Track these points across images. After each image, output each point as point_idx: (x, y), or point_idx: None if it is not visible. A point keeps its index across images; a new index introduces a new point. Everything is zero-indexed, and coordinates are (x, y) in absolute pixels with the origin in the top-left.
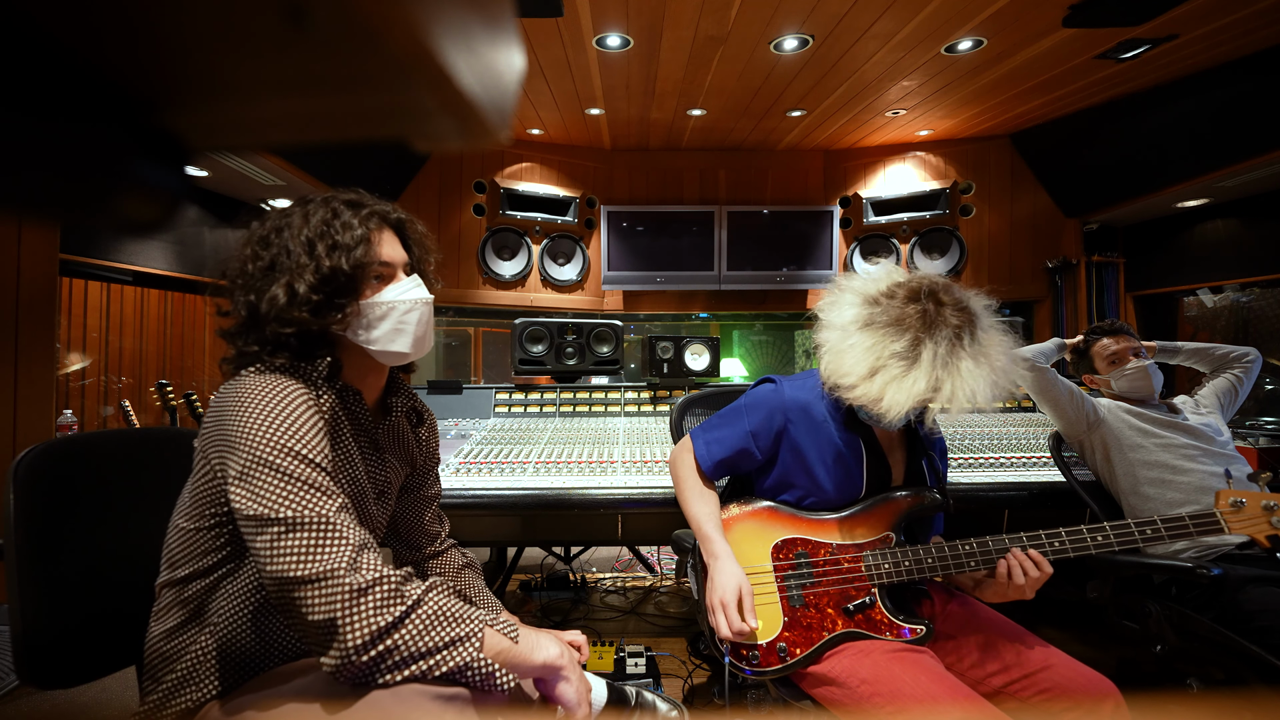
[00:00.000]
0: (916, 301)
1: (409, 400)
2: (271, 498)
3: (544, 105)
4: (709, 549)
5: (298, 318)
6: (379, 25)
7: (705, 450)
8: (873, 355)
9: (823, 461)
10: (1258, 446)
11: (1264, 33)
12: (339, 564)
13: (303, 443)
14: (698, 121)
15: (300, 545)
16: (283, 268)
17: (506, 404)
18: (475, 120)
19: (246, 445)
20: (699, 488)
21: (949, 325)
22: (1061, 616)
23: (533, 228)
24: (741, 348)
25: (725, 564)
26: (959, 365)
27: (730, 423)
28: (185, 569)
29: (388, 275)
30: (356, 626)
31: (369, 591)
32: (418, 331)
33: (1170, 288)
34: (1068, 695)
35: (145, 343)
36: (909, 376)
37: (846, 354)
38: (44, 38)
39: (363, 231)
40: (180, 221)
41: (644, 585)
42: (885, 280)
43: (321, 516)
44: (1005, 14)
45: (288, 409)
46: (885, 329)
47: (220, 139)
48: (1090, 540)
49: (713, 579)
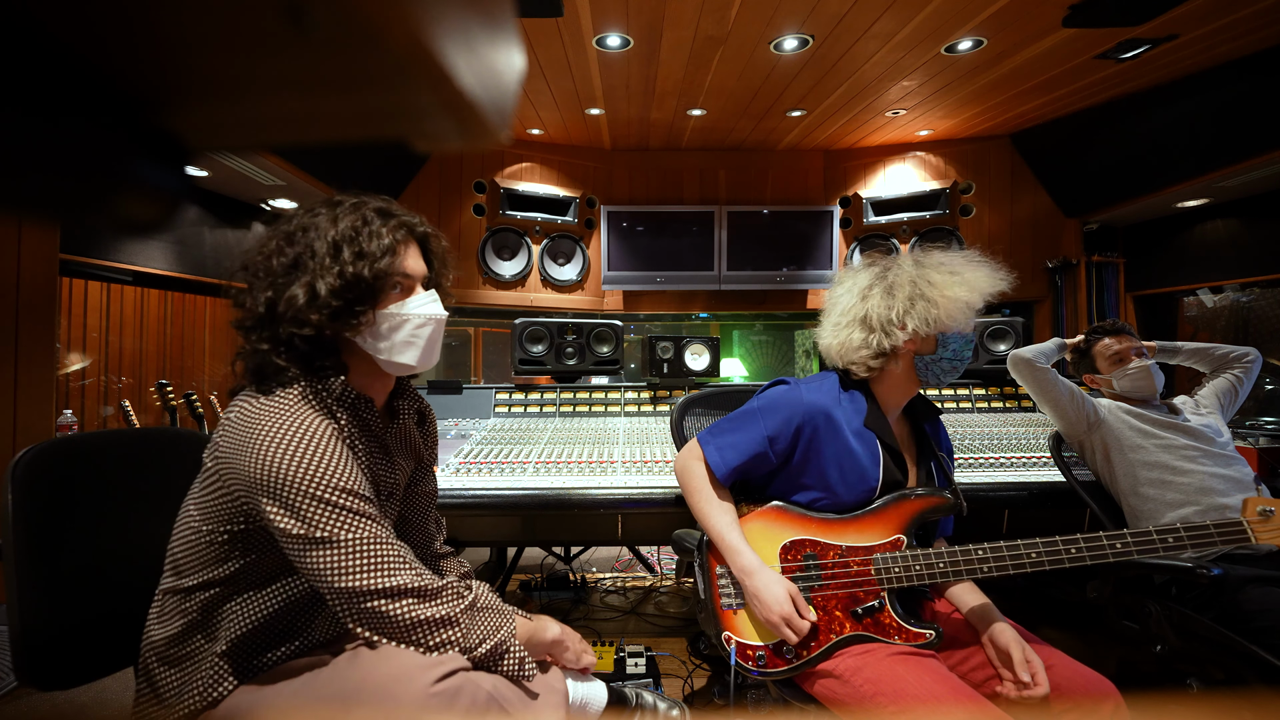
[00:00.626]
0: (874, 266)
1: (415, 402)
2: (324, 523)
3: (544, 105)
4: (739, 563)
5: (314, 320)
6: (379, 25)
7: (719, 456)
8: (855, 308)
9: (838, 465)
10: (1258, 447)
11: (1264, 33)
12: (406, 576)
13: (340, 476)
14: (698, 121)
15: (364, 563)
16: (306, 267)
17: (506, 404)
18: (475, 120)
19: (287, 483)
20: (715, 497)
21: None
22: (1061, 616)
23: (533, 228)
24: (741, 348)
25: (763, 575)
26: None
27: (744, 427)
28: (193, 578)
29: (407, 287)
30: (430, 618)
31: (441, 593)
32: (427, 346)
33: (1170, 288)
34: (1068, 696)
35: (145, 343)
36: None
37: (840, 331)
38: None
39: (390, 241)
40: (180, 221)
41: (644, 585)
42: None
43: (376, 536)
44: (1005, 14)
45: (318, 445)
46: (859, 290)
47: (220, 139)
48: (1109, 547)
49: (758, 596)
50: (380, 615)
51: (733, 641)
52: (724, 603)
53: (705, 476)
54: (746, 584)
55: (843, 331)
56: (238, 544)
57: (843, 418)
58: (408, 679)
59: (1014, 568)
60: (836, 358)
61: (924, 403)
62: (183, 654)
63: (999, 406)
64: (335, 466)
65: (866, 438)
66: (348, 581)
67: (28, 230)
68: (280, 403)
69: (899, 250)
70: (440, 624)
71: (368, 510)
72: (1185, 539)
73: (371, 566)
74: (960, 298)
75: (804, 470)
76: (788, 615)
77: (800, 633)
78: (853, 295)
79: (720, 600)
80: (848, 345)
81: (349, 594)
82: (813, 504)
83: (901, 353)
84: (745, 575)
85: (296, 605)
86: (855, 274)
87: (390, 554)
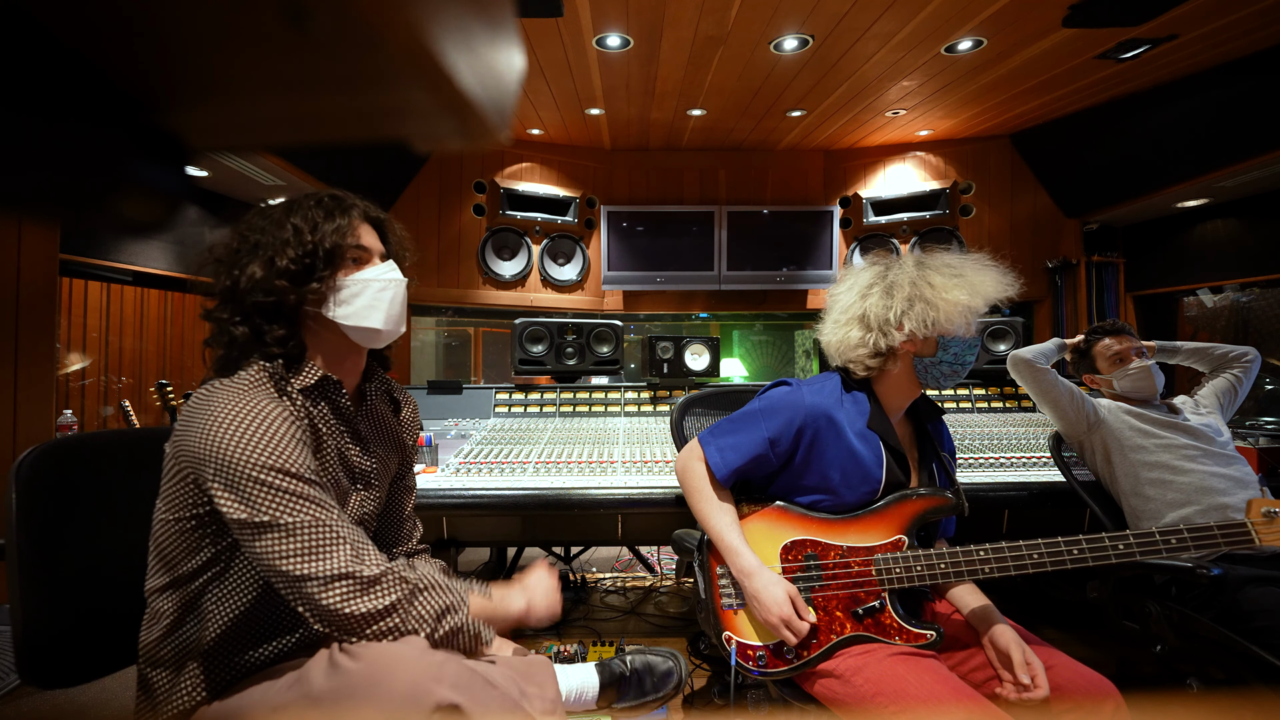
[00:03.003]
0: (877, 265)
1: (383, 384)
2: (266, 506)
3: (544, 105)
4: (739, 565)
5: (277, 285)
6: (379, 25)
7: (720, 458)
8: (855, 306)
9: (840, 467)
10: (1258, 446)
11: (1264, 33)
12: (342, 561)
13: (283, 457)
14: (698, 121)
15: (302, 547)
16: (264, 247)
17: (506, 404)
18: (475, 120)
19: (230, 462)
20: (715, 498)
21: (910, 256)
22: (1061, 616)
23: (533, 228)
24: (741, 348)
25: (762, 577)
26: (929, 268)
27: (745, 428)
28: (169, 575)
29: (364, 259)
30: (367, 612)
31: (380, 580)
32: (391, 309)
33: (1170, 288)
34: (1068, 696)
35: (145, 343)
36: (892, 297)
37: (839, 329)
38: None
39: (344, 222)
40: (180, 221)
41: (644, 585)
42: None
43: (318, 520)
44: (1005, 14)
45: (263, 425)
46: (859, 289)
47: (220, 139)
48: (1111, 548)
49: (757, 598)
50: (316, 602)
51: (733, 641)
52: (724, 602)
53: (706, 477)
54: (746, 585)
55: (842, 329)
56: (207, 529)
57: (845, 419)
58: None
59: (1015, 569)
60: (836, 355)
61: (927, 403)
62: (170, 654)
63: (999, 406)
64: (279, 447)
65: (870, 439)
66: (288, 566)
67: (28, 230)
68: (234, 385)
69: (899, 250)
70: (380, 615)
71: (311, 493)
72: (1189, 540)
73: (310, 551)
74: (960, 301)
75: (805, 471)
76: (787, 617)
77: (799, 634)
78: (853, 293)
79: (721, 600)
80: (846, 343)
81: (290, 579)
82: (814, 504)
83: (900, 353)
84: (745, 576)
85: (277, 597)
86: (858, 272)
87: (331, 538)
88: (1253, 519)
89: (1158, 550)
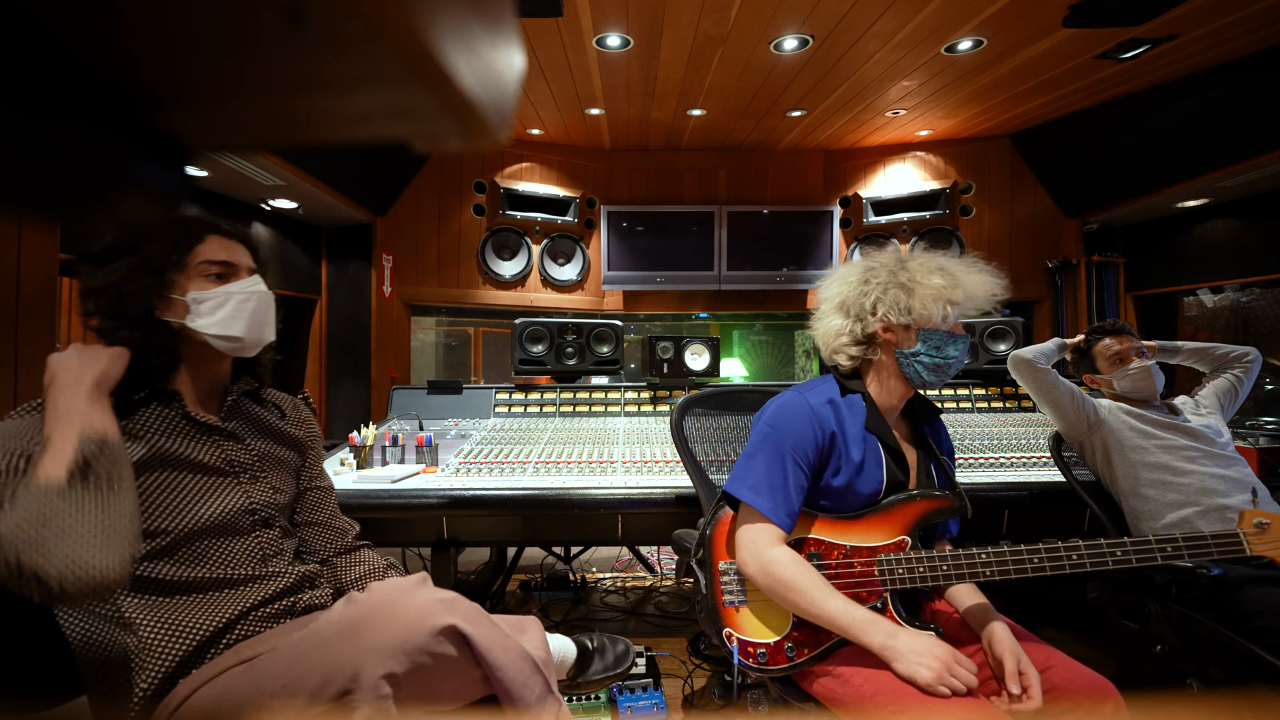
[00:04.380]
0: (865, 259)
1: (245, 386)
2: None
3: (544, 105)
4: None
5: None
6: (379, 25)
7: (772, 504)
8: (836, 295)
9: (841, 468)
10: (1258, 447)
11: (1264, 33)
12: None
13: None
14: (698, 121)
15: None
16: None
17: (506, 404)
18: (475, 120)
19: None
20: (795, 562)
21: (898, 250)
22: (1061, 617)
23: (533, 228)
24: (741, 348)
25: (907, 642)
26: (912, 259)
27: (770, 459)
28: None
29: (228, 274)
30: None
31: None
32: (252, 319)
33: (1170, 288)
34: (1068, 696)
35: None
36: (868, 284)
37: (823, 319)
38: (45, 37)
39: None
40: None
41: (644, 585)
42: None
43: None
44: (1005, 14)
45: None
46: (842, 278)
47: (220, 139)
48: (1109, 555)
49: (911, 671)
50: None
51: (734, 639)
52: (726, 600)
53: (770, 538)
54: (890, 655)
55: (825, 319)
56: None
57: (843, 419)
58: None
59: (1015, 572)
60: (824, 347)
61: (924, 403)
62: (102, 655)
63: (999, 406)
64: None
65: (868, 440)
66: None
67: (28, 230)
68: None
69: (900, 251)
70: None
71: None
72: (1183, 548)
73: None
74: (934, 285)
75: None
76: (959, 676)
77: (969, 685)
78: (837, 284)
79: (722, 597)
80: (829, 332)
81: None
82: (817, 504)
83: (880, 342)
84: (888, 652)
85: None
86: (847, 266)
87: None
88: (1244, 529)
89: (1154, 559)
